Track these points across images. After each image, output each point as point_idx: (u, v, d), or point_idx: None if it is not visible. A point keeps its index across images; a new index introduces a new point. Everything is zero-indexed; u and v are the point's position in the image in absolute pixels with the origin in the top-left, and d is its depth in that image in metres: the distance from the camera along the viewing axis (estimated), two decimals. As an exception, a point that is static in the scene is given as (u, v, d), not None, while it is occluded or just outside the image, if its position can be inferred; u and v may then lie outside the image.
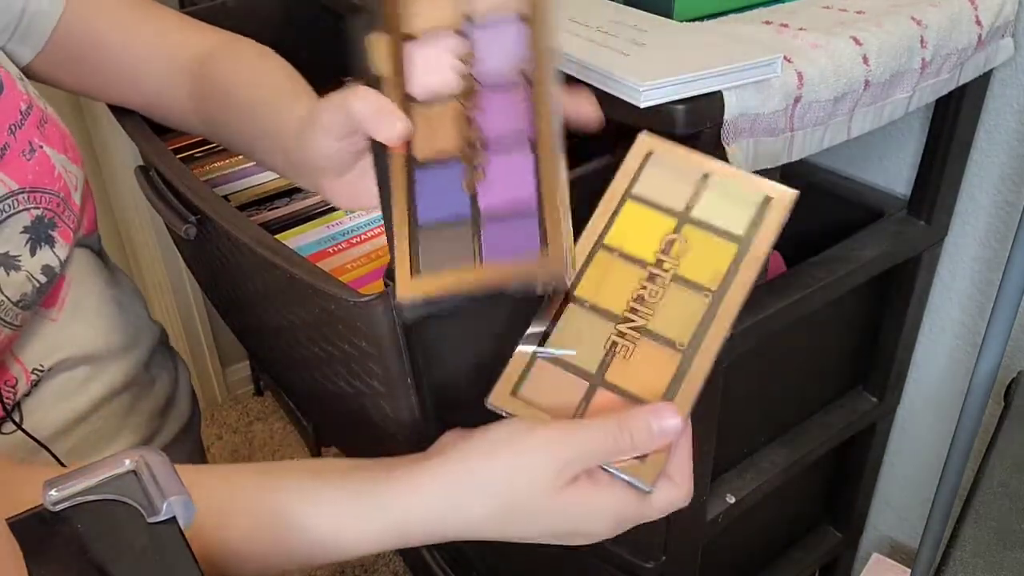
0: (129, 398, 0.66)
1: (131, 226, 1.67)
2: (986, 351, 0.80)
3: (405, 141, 0.46)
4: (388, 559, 1.62)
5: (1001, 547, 0.56)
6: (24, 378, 0.58)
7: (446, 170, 0.46)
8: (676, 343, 0.46)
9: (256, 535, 0.43)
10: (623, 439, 0.42)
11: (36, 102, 0.58)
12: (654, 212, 0.49)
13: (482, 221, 0.44)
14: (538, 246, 0.43)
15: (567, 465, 0.42)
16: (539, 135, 0.44)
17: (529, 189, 0.44)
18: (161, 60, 0.64)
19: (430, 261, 0.44)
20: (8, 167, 0.54)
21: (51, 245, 0.57)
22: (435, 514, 0.43)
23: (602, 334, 0.47)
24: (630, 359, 0.46)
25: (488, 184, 0.45)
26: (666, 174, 0.49)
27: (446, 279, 0.44)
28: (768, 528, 1.07)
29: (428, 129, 0.47)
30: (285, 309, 0.58)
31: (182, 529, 0.33)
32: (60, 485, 0.33)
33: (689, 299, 0.46)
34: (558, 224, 0.43)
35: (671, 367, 0.45)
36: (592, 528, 0.44)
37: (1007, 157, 0.85)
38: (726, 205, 0.48)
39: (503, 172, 0.45)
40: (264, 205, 0.71)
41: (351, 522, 0.43)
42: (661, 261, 0.47)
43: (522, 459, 0.42)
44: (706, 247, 0.47)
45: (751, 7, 0.68)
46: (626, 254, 0.48)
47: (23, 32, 0.59)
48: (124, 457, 0.34)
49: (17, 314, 0.55)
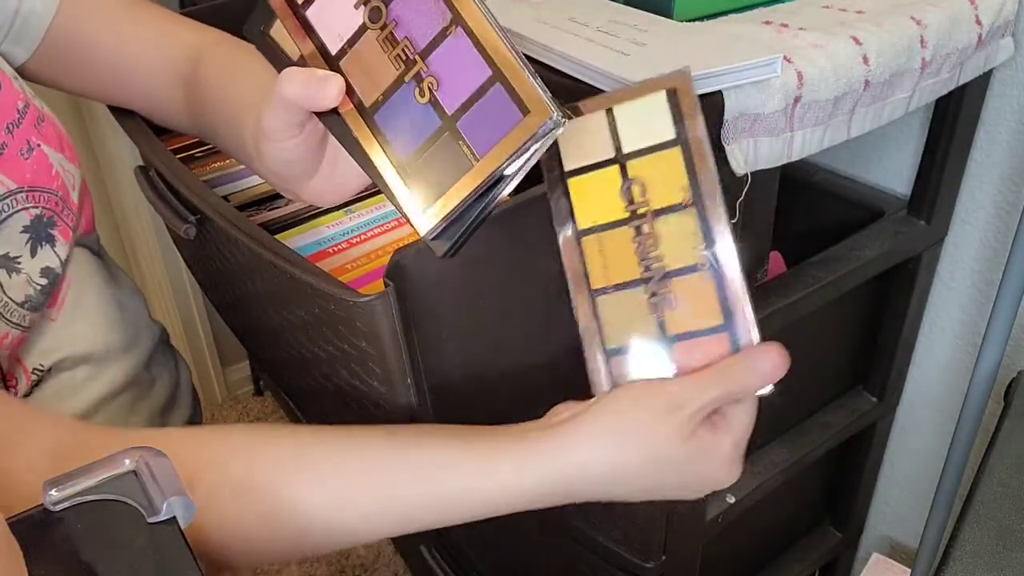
0: (130, 398, 0.66)
1: (131, 226, 1.67)
2: (986, 351, 0.80)
3: (347, 96, 0.46)
4: (388, 559, 1.62)
5: (1001, 547, 0.56)
6: (24, 378, 0.58)
7: (398, 97, 0.45)
8: (696, 265, 0.47)
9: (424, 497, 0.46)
10: (734, 383, 0.46)
11: (32, 101, 0.58)
12: (595, 174, 0.49)
13: (456, 121, 0.44)
14: (518, 110, 0.42)
15: (690, 416, 0.45)
16: (457, 7, 0.43)
17: (479, 65, 0.43)
18: (155, 61, 0.64)
19: (433, 186, 0.44)
20: (6, 166, 0.54)
21: (51, 244, 0.57)
22: (597, 462, 0.46)
23: (640, 304, 0.48)
24: (676, 307, 0.47)
25: (441, 85, 0.44)
26: (578, 137, 0.50)
27: (456, 192, 0.43)
28: (768, 528, 1.07)
29: (363, 73, 0.46)
30: (285, 309, 0.58)
31: (182, 529, 0.33)
32: (60, 485, 0.33)
33: (678, 222, 0.47)
34: (523, 79, 0.42)
35: (709, 286, 0.47)
36: (715, 469, 0.47)
37: (1007, 157, 0.85)
38: (644, 123, 0.48)
39: (447, 65, 0.44)
40: (264, 205, 0.71)
41: (510, 476, 0.45)
42: (634, 210, 0.48)
43: (653, 412, 0.45)
44: (657, 170, 0.48)
45: (751, 7, 0.68)
46: (603, 225, 0.49)
47: (17, 33, 0.59)
48: (124, 457, 0.34)
49: (24, 315, 0.55)
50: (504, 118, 0.42)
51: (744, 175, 0.59)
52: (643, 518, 0.79)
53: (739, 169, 0.59)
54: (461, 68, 0.43)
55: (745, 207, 0.63)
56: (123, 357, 0.65)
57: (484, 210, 0.44)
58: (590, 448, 0.45)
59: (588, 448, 0.45)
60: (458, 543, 1.25)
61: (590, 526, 0.86)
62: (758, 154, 0.60)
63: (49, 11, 0.59)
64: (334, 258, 0.62)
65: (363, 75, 0.46)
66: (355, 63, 0.46)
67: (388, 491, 0.46)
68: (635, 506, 0.78)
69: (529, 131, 0.41)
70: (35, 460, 0.41)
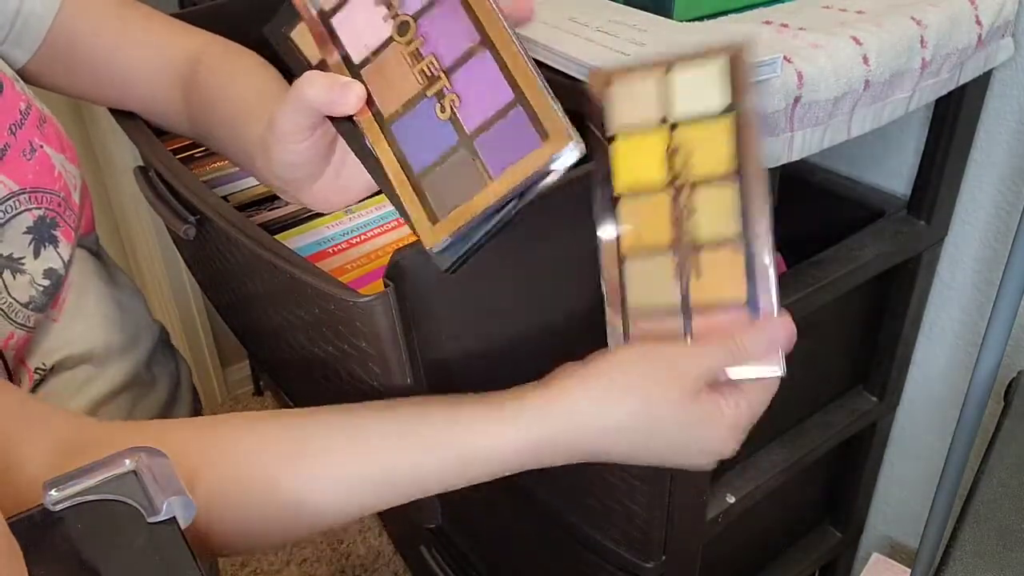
0: (130, 397, 0.66)
1: (131, 226, 1.67)
2: (986, 351, 0.80)
3: (366, 104, 0.46)
4: (388, 559, 1.62)
5: (1001, 547, 0.56)
6: (27, 378, 0.58)
7: (418, 111, 0.45)
8: (729, 238, 0.47)
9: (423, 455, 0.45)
10: (740, 351, 0.46)
11: (34, 102, 0.58)
12: (641, 137, 0.49)
13: (474, 140, 0.44)
14: (536, 135, 0.42)
15: (694, 379, 0.45)
16: (486, 29, 0.43)
17: (502, 87, 0.43)
18: (153, 64, 0.64)
19: (444, 202, 0.44)
20: (8, 167, 0.54)
21: (54, 245, 0.57)
22: (581, 417, 0.45)
23: (666, 270, 0.48)
24: (701, 276, 0.47)
25: (463, 103, 0.44)
26: (629, 98, 0.49)
27: (467, 209, 0.43)
28: (768, 528, 1.07)
29: (384, 83, 0.46)
30: (285, 309, 0.58)
31: (182, 529, 0.33)
32: (60, 485, 0.33)
33: (717, 194, 0.47)
34: (545, 104, 0.42)
35: (738, 261, 0.47)
36: (715, 435, 0.47)
37: (1007, 157, 0.85)
38: (696, 90, 0.47)
39: (470, 84, 0.44)
40: (264, 205, 0.71)
41: (496, 429, 0.45)
42: (674, 177, 0.48)
43: (655, 371, 0.45)
44: (703, 138, 0.47)
45: (751, 7, 0.68)
46: (642, 190, 0.48)
47: (17, 34, 0.59)
48: (124, 457, 0.34)
49: (28, 316, 0.55)
50: (522, 141, 0.42)
51: (744, 175, 0.59)
52: (643, 518, 0.79)
53: (739, 169, 0.59)
54: (484, 88, 0.43)
55: (745, 207, 0.63)
56: (124, 357, 0.65)
57: (491, 230, 0.44)
58: (586, 399, 0.45)
59: (584, 399, 0.45)
60: (458, 543, 1.25)
61: (590, 526, 0.86)
62: (758, 154, 0.60)
63: (50, 12, 0.60)
64: (334, 258, 0.62)
65: (384, 85, 0.46)
66: (377, 73, 0.46)
67: (380, 465, 0.45)
68: (635, 506, 0.78)
69: (545, 156, 0.42)
70: (42, 455, 0.41)
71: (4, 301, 0.54)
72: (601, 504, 0.82)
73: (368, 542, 1.65)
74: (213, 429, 0.47)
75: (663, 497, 0.78)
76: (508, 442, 0.45)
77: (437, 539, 1.31)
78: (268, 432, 0.47)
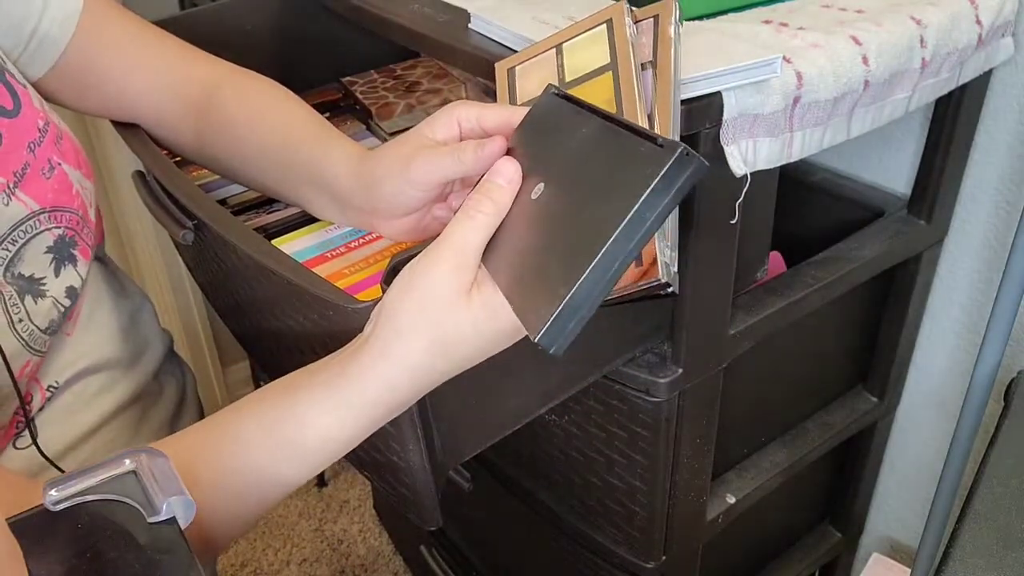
0: (139, 410, 0.66)
1: (131, 226, 1.67)
2: (986, 351, 0.80)
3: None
4: (388, 559, 1.62)
5: (1001, 547, 0.56)
6: (39, 395, 0.57)
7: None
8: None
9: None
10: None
11: (51, 117, 0.58)
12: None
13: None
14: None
15: (457, 269, 0.45)
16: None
17: None
18: (164, 92, 0.65)
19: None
20: (29, 187, 0.53)
21: (73, 264, 0.57)
22: (390, 379, 0.46)
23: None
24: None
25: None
26: (531, 77, 0.56)
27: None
28: (768, 528, 1.07)
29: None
30: (283, 314, 0.58)
31: (182, 529, 0.33)
32: (61, 485, 0.33)
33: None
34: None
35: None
36: (504, 321, 0.46)
37: (1007, 157, 0.85)
38: (582, 56, 0.54)
39: None
40: (262, 208, 0.71)
41: (332, 410, 0.46)
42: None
43: (423, 287, 0.45)
44: (588, 95, 0.51)
45: (750, 7, 0.68)
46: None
47: (31, 54, 0.59)
48: (124, 457, 0.34)
49: (45, 341, 0.55)
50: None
51: (744, 175, 0.59)
52: (643, 518, 0.79)
53: (738, 169, 0.59)
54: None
55: (745, 207, 0.63)
56: (133, 368, 0.65)
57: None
58: (384, 358, 0.46)
59: (382, 359, 0.46)
60: (458, 543, 1.25)
61: (590, 526, 0.86)
62: (757, 154, 0.60)
63: (65, 36, 0.60)
64: (333, 262, 0.62)
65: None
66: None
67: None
68: (635, 506, 0.78)
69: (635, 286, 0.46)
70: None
71: (26, 329, 0.54)
72: (601, 504, 0.82)
73: (368, 542, 1.65)
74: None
75: (663, 497, 0.78)
76: (345, 429, 0.46)
77: (437, 539, 1.31)
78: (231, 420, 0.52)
